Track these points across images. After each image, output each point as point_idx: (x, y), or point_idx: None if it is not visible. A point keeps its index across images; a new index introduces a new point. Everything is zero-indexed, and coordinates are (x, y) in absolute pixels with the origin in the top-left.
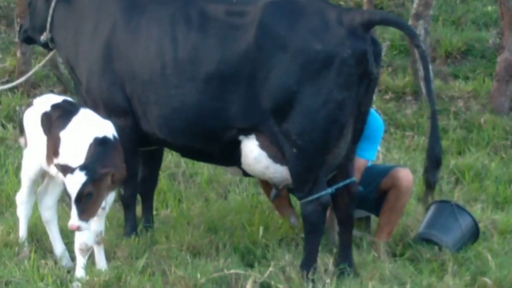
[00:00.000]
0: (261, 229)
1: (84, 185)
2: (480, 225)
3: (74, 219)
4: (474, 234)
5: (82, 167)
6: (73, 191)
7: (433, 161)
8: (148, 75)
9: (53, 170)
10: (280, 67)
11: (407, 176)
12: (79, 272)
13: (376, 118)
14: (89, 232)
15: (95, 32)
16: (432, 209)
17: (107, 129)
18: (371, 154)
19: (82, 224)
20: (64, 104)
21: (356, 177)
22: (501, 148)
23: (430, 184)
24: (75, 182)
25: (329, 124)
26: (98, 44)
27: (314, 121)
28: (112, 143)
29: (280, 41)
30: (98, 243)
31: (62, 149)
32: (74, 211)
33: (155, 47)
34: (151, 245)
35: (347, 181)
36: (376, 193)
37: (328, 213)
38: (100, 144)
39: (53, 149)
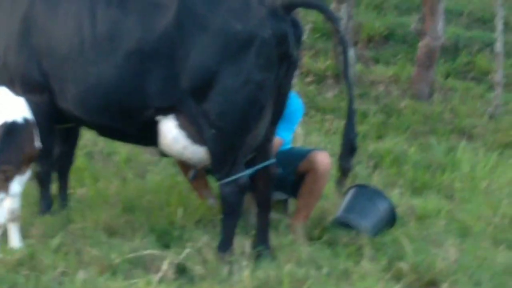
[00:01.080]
0: (179, 210)
1: None
2: (398, 210)
3: None
4: (391, 219)
5: None
6: None
7: (348, 148)
8: (66, 50)
9: None
10: (200, 47)
11: (325, 160)
12: None
13: (296, 100)
14: (0, 209)
15: (13, 5)
16: (350, 193)
17: (18, 111)
18: (286, 135)
19: None
20: None
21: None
22: (420, 134)
23: (344, 170)
24: None
25: (248, 105)
26: (16, 17)
27: (234, 101)
28: (19, 128)
29: (201, 20)
30: (13, 220)
31: None
32: None
33: (74, 22)
34: (66, 224)
35: (266, 162)
36: (294, 176)
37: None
38: (6, 133)
39: None
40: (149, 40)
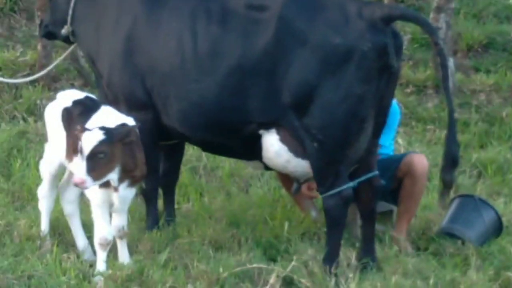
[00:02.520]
0: (284, 223)
1: (100, 143)
2: (503, 219)
3: (81, 173)
4: (497, 228)
5: (101, 127)
6: (87, 148)
7: (450, 160)
8: (168, 68)
9: (72, 167)
10: (300, 62)
11: (421, 161)
12: (100, 266)
13: (394, 106)
14: (108, 226)
15: (116, 25)
16: (455, 203)
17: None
18: (385, 139)
19: (88, 180)
20: (85, 100)
21: None
22: None
23: (446, 183)
24: (91, 139)
25: (349, 118)
26: (119, 37)
27: (334, 115)
28: (134, 137)
29: (300, 35)
30: (120, 237)
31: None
32: (83, 166)
33: (175, 40)
34: (173, 239)
35: (369, 174)
36: (393, 182)
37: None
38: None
39: (72, 146)
40: (249, 57)
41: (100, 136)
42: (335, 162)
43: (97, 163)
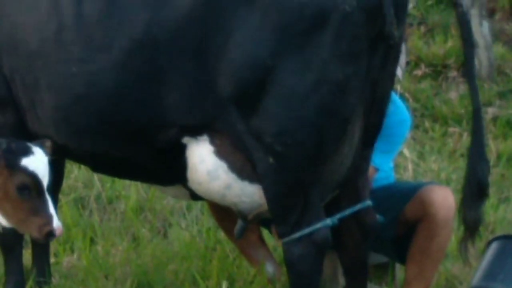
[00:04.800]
0: (223, 284)
1: None
2: None
3: None
4: None
5: None
6: None
7: (474, 187)
8: (37, 43)
9: None
10: (246, 31)
11: (445, 199)
12: None
13: (398, 106)
14: None
15: None
16: (492, 248)
17: None
18: (384, 161)
19: None
20: None
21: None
22: None
23: (469, 224)
24: None
25: (324, 116)
26: None
27: (300, 113)
28: None
29: None
30: None
31: None
32: None
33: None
34: None
35: (358, 206)
36: (397, 228)
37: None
38: None
39: None
40: (164, 23)
41: None
42: (303, 187)
43: None
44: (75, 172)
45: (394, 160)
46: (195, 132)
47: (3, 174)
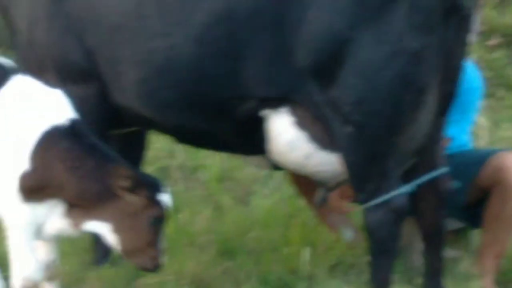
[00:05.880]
0: (303, 251)
1: None
2: None
3: None
4: None
5: None
6: None
7: None
8: (119, 18)
9: None
10: (323, 4)
11: None
12: None
13: (472, 75)
14: (34, 261)
15: None
16: None
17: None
18: (459, 130)
19: None
20: None
21: None
22: None
23: None
24: None
25: (400, 87)
26: None
27: (377, 83)
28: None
29: None
30: (50, 278)
31: None
32: None
33: None
34: (135, 278)
35: (434, 173)
36: (470, 194)
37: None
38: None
39: None
40: None
41: None
42: (381, 155)
43: None
44: (159, 143)
45: (470, 128)
46: (275, 104)
47: (141, 204)
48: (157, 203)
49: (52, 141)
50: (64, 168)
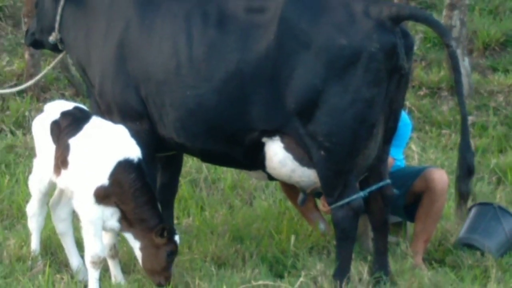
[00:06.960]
0: (291, 237)
1: None
2: None
3: None
4: None
5: None
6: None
7: (465, 170)
8: (163, 75)
9: (59, 181)
10: (304, 65)
11: (442, 177)
12: (93, 286)
13: (403, 114)
14: (100, 243)
15: (107, 31)
16: (473, 212)
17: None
18: (396, 152)
19: None
20: (74, 111)
21: None
22: None
23: (462, 194)
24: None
25: (357, 123)
26: (111, 43)
27: (342, 121)
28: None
29: (303, 37)
30: (112, 256)
31: (71, 158)
32: None
33: (170, 45)
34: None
35: (381, 183)
36: (406, 197)
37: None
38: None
39: (61, 158)
40: (249, 61)
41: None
42: (344, 170)
43: None
44: (189, 162)
45: (404, 152)
46: (271, 134)
47: (164, 242)
48: (174, 242)
49: (125, 169)
50: (129, 191)
